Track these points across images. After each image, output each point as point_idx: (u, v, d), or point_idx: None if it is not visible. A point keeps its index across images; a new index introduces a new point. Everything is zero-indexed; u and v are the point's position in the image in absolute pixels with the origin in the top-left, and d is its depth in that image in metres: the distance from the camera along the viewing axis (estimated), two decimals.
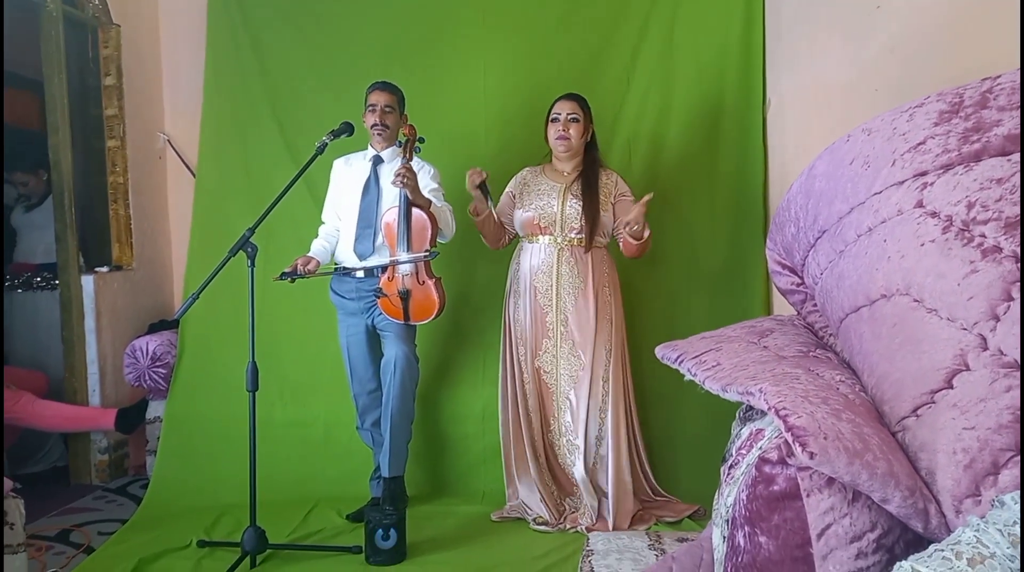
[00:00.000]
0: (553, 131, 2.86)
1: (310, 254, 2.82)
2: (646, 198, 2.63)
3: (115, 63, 3.59)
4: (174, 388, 3.42)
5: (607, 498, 2.80)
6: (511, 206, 2.95)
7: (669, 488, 2.99)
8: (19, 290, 3.73)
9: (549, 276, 2.84)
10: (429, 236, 2.70)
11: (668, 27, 3.37)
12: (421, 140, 2.81)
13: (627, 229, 2.67)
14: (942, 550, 0.89)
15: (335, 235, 2.95)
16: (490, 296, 3.22)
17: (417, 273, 2.71)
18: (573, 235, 2.83)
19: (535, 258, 2.87)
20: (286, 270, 2.70)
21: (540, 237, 2.87)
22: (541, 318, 2.86)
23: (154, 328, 3.69)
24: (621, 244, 2.82)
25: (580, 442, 2.79)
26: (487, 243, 3.00)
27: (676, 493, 2.97)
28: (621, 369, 2.87)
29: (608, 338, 2.83)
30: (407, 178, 2.62)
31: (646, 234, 2.69)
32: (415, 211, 2.69)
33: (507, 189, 3.00)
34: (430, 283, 2.72)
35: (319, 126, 2.93)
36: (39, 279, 3.72)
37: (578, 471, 2.80)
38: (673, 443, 3.14)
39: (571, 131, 2.83)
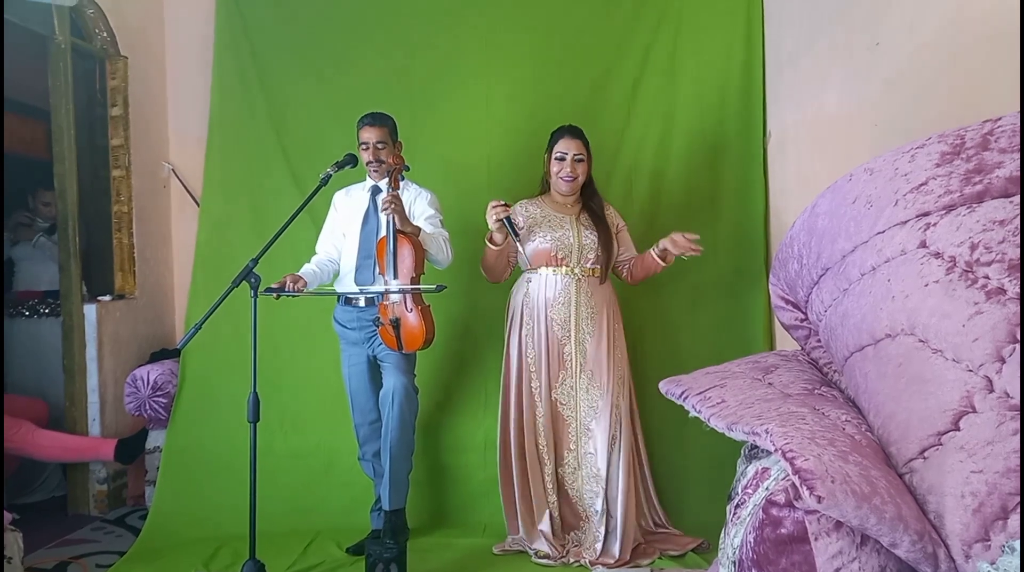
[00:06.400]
0: (558, 168, 2.85)
1: (299, 274, 2.77)
2: (691, 236, 2.72)
3: (122, 94, 3.62)
4: (175, 418, 3.40)
5: (615, 529, 2.75)
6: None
7: (675, 520, 2.96)
8: (25, 314, 3.74)
9: (567, 306, 2.82)
10: (414, 263, 2.70)
11: (669, 59, 3.42)
12: (406, 168, 2.82)
13: (685, 255, 2.74)
14: None
15: (327, 264, 2.94)
16: (490, 326, 3.22)
17: (404, 301, 2.72)
18: (588, 265, 2.84)
19: (550, 289, 2.83)
20: (273, 285, 2.62)
21: (552, 267, 2.83)
22: (559, 349, 2.83)
23: (155, 357, 3.68)
24: (630, 268, 2.89)
25: (603, 473, 2.75)
26: (490, 277, 2.94)
27: (681, 525, 2.94)
28: (630, 399, 2.87)
29: (620, 368, 2.83)
30: (394, 205, 2.64)
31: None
32: (401, 238, 2.70)
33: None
34: (416, 310, 2.71)
35: (324, 156, 2.95)
36: (44, 306, 3.74)
37: (600, 502, 2.76)
38: (677, 474, 3.12)
39: (578, 171, 2.85)
